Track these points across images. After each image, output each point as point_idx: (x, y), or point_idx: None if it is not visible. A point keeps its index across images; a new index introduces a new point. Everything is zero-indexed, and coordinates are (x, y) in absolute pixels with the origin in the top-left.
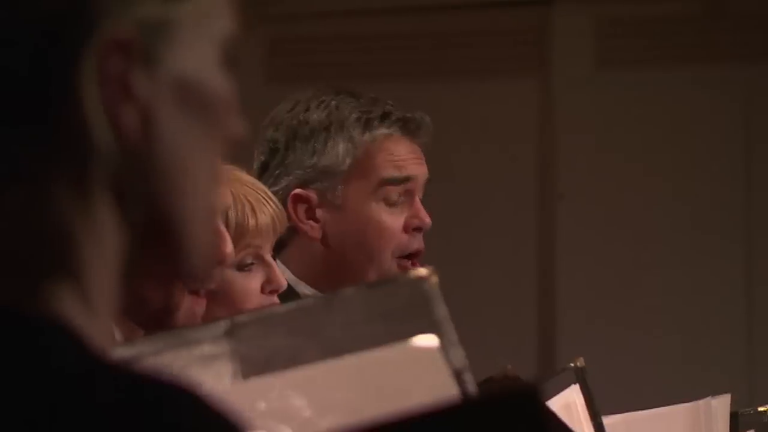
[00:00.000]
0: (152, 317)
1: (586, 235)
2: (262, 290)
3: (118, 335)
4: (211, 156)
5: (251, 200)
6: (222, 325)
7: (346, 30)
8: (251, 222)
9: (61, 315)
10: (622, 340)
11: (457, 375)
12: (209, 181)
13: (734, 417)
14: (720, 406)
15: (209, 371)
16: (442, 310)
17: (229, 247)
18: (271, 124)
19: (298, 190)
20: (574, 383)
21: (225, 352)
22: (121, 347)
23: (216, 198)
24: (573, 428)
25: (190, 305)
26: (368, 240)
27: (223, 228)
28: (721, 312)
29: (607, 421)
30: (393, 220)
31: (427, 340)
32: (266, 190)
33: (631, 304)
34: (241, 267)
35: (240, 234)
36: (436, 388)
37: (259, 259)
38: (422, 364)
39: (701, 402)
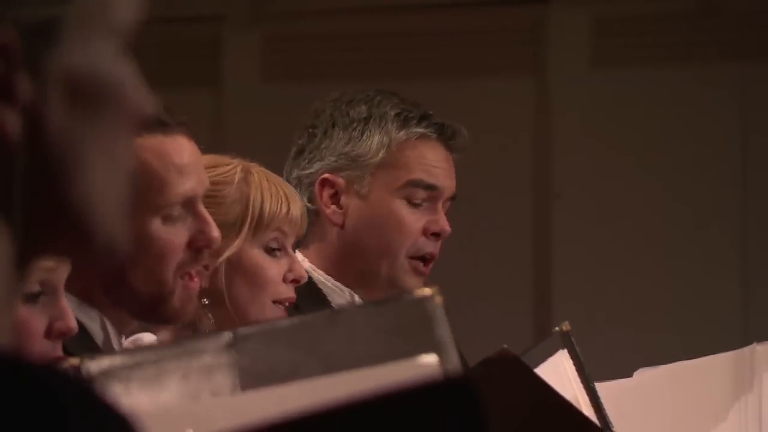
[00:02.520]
0: (146, 306)
1: (583, 233)
2: (284, 279)
3: (111, 331)
4: (113, 141)
5: (286, 192)
6: (225, 337)
7: (342, 28)
8: (284, 209)
9: None
10: (619, 337)
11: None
12: (111, 166)
13: None
14: (765, 352)
15: (209, 382)
16: (444, 331)
17: (214, 231)
18: (312, 111)
19: (327, 175)
20: (562, 348)
21: (225, 364)
22: (122, 355)
23: (122, 179)
24: (565, 393)
25: (184, 288)
26: (386, 233)
27: (206, 214)
28: (717, 309)
29: (650, 372)
30: (414, 219)
31: (428, 359)
32: (295, 191)
33: (627, 301)
34: (268, 249)
35: (272, 218)
36: None
37: (284, 248)
38: None
39: (746, 349)
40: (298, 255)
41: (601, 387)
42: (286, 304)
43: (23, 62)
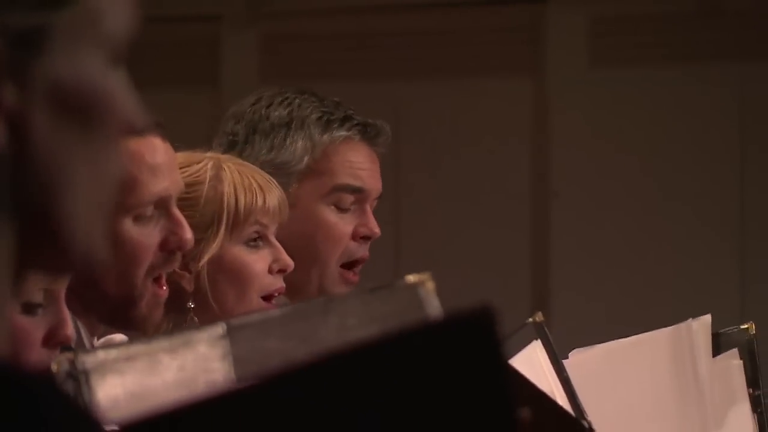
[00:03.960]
0: (114, 311)
1: (581, 232)
2: (270, 270)
3: (84, 332)
4: (99, 153)
5: (260, 182)
6: (219, 328)
7: (340, 28)
8: (259, 201)
9: None
10: (617, 337)
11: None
12: (96, 179)
13: (716, 337)
14: (701, 327)
15: (204, 372)
16: (437, 315)
17: (188, 233)
18: (232, 116)
19: None
20: (535, 339)
21: (220, 354)
22: (117, 348)
23: (106, 189)
24: (540, 384)
25: (153, 294)
26: (315, 242)
27: (179, 215)
28: (715, 308)
29: (587, 353)
30: (342, 225)
31: None
32: (271, 178)
33: (626, 301)
34: (248, 242)
35: (248, 212)
36: None
37: (266, 239)
38: None
39: (682, 325)
40: None
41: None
42: (276, 295)
43: (9, 70)
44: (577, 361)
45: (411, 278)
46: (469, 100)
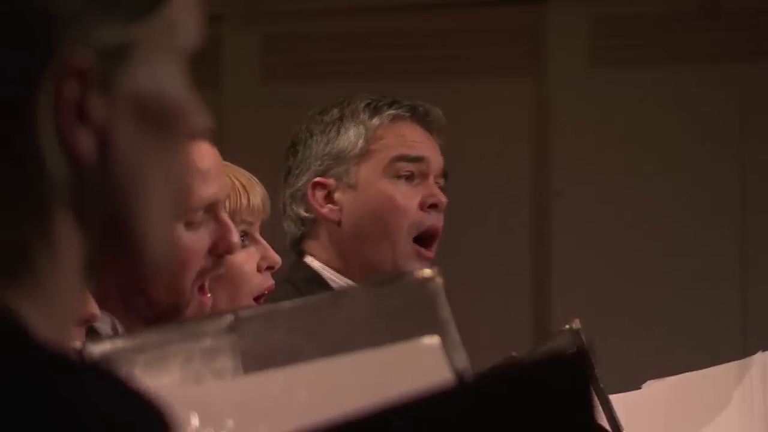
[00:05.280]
0: (161, 317)
1: (582, 231)
2: (259, 269)
3: (120, 330)
4: (172, 161)
5: (242, 181)
6: (226, 320)
7: (341, 28)
8: (243, 201)
9: (9, 309)
10: (618, 335)
11: (459, 376)
12: (169, 187)
13: None
14: None
15: (211, 365)
16: (445, 311)
17: (235, 236)
18: (293, 133)
19: (316, 179)
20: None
21: (227, 347)
22: (124, 338)
23: (177, 194)
24: None
25: (198, 302)
26: (383, 216)
27: (228, 219)
28: (716, 306)
29: (660, 383)
30: (407, 196)
31: (430, 341)
32: (252, 176)
33: (626, 300)
34: None
35: (233, 213)
36: None
37: (251, 238)
38: (424, 363)
39: (755, 356)
40: (307, 258)
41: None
42: (266, 293)
43: (98, 84)
44: (650, 391)
45: (420, 273)
46: (470, 101)
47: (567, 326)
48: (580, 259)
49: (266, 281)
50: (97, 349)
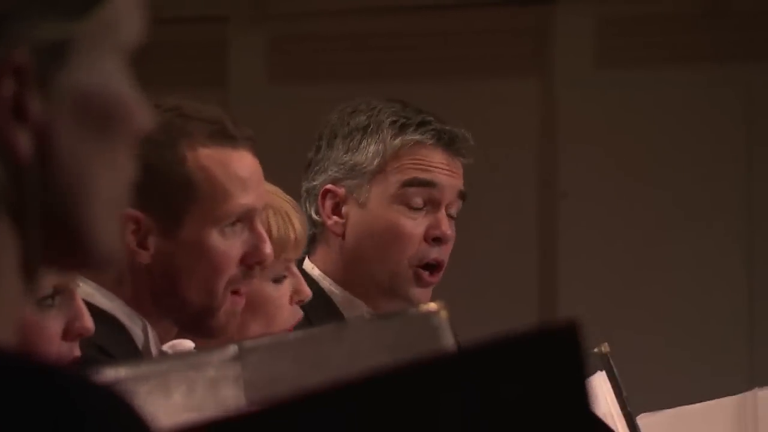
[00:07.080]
0: (194, 318)
1: (588, 233)
2: (290, 301)
3: (152, 335)
4: (115, 158)
5: (288, 212)
6: (230, 350)
7: (347, 29)
8: (291, 236)
9: None
10: (624, 338)
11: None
12: (112, 180)
13: None
14: (767, 397)
15: (214, 395)
16: (449, 344)
17: (268, 248)
18: (323, 122)
19: (329, 186)
20: (600, 370)
21: (231, 377)
22: (127, 367)
23: (122, 190)
24: (602, 418)
25: (231, 305)
26: (384, 243)
27: (263, 230)
28: (722, 310)
29: (652, 417)
30: (412, 225)
31: None
32: (291, 199)
33: (632, 302)
34: (277, 279)
35: (281, 247)
36: None
37: (290, 271)
38: None
39: (748, 394)
40: (306, 263)
41: None
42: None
43: (36, 82)
44: (645, 423)
45: (425, 307)
46: (477, 101)
47: (596, 350)
48: (587, 259)
49: (296, 314)
50: (102, 376)
